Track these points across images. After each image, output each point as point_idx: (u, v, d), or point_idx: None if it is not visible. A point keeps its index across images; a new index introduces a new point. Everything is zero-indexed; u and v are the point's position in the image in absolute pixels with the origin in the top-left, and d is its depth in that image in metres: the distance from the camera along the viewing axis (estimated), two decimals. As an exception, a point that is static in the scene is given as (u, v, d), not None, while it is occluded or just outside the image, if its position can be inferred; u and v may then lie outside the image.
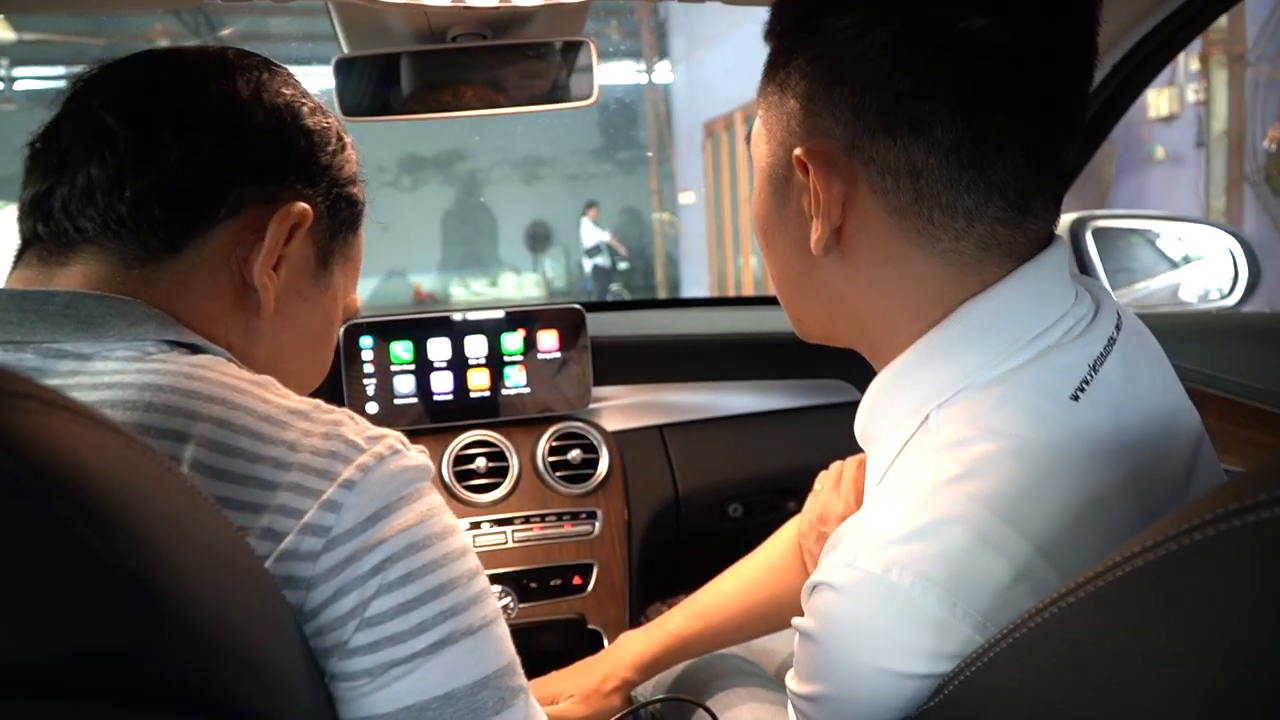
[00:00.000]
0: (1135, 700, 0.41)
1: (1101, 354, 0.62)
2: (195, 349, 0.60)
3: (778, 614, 1.08)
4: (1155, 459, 0.61)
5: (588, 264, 10.70)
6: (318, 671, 0.53)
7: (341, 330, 1.45)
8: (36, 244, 0.64)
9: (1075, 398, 0.59)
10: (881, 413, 0.66)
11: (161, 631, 0.37)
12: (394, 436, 0.58)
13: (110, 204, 0.61)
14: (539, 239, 11.36)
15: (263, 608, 0.47)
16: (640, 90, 11.33)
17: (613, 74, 10.99)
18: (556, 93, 1.13)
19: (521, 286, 11.19)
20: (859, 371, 1.67)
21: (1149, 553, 0.43)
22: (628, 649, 1.08)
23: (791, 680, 0.62)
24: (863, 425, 0.69)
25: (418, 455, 0.59)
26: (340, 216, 0.74)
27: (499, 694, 0.57)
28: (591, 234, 10.70)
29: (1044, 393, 0.59)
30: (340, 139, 0.74)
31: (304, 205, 0.68)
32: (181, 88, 0.65)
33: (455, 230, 11.43)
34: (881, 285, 0.64)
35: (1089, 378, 0.60)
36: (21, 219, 0.65)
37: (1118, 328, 0.65)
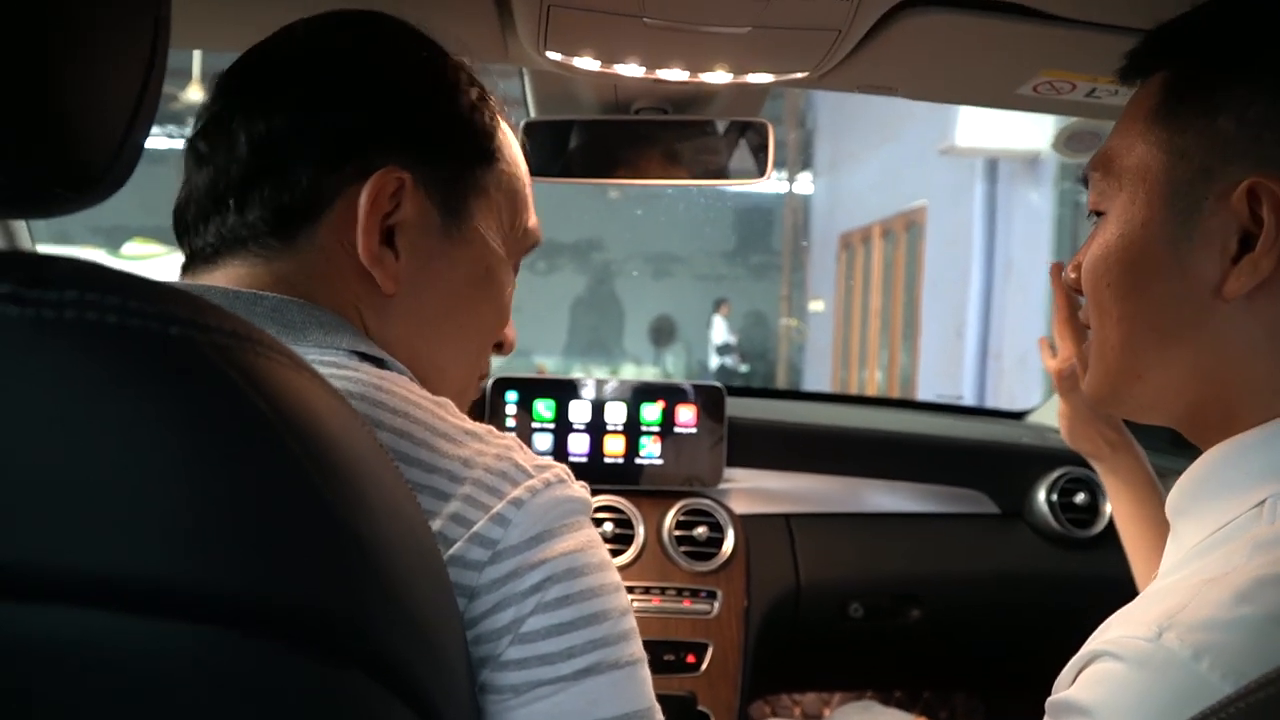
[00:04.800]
0: None
1: None
2: (380, 363, 0.63)
3: None
4: None
5: (715, 361, 10.69)
6: (473, 677, 0.54)
7: (489, 383, 1.50)
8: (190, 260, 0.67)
9: None
10: (1208, 486, 0.61)
11: (363, 590, 0.39)
12: (560, 467, 0.60)
13: (222, 219, 0.64)
14: (663, 334, 11.48)
15: (442, 595, 0.48)
16: (780, 199, 11.48)
17: (754, 182, 11.14)
18: (729, 169, 1.17)
19: (641, 378, 11.26)
20: (997, 484, 1.65)
21: None
22: None
23: None
24: (1181, 493, 0.64)
25: (580, 489, 0.60)
26: (455, 156, 0.67)
27: None
28: (721, 331, 10.74)
29: None
30: (438, 73, 0.67)
31: (393, 172, 0.63)
32: (230, 102, 0.65)
33: (583, 317, 11.67)
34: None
35: None
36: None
37: None
